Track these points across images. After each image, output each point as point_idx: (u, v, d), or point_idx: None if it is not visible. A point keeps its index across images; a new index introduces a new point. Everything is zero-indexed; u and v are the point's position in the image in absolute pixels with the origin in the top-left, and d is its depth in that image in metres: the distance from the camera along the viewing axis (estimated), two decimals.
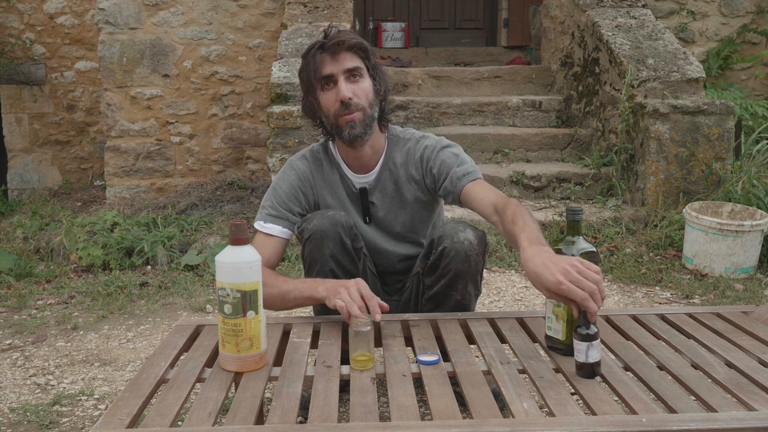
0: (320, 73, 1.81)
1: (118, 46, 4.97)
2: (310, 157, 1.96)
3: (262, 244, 1.83)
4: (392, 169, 1.93)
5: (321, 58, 1.81)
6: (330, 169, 1.95)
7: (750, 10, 5.53)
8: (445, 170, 1.86)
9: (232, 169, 5.21)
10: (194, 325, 1.72)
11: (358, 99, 1.81)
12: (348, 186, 1.94)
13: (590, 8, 4.59)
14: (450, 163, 1.87)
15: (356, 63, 1.82)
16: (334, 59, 1.80)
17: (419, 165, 1.92)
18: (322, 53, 1.81)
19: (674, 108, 3.81)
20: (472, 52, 6.33)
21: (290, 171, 1.94)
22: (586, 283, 1.38)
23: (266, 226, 1.87)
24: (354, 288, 1.62)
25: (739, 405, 1.31)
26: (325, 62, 1.81)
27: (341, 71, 1.80)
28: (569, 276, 1.38)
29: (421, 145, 1.93)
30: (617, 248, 3.57)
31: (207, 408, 1.29)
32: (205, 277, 3.38)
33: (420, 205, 1.95)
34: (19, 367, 2.44)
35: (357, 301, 1.59)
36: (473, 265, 1.80)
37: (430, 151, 1.90)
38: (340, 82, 1.80)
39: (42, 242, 3.91)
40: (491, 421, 1.21)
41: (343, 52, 1.80)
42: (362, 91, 1.82)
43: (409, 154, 1.93)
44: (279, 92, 3.93)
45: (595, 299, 1.39)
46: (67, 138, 6.10)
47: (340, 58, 1.80)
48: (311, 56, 1.83)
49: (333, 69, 1.80)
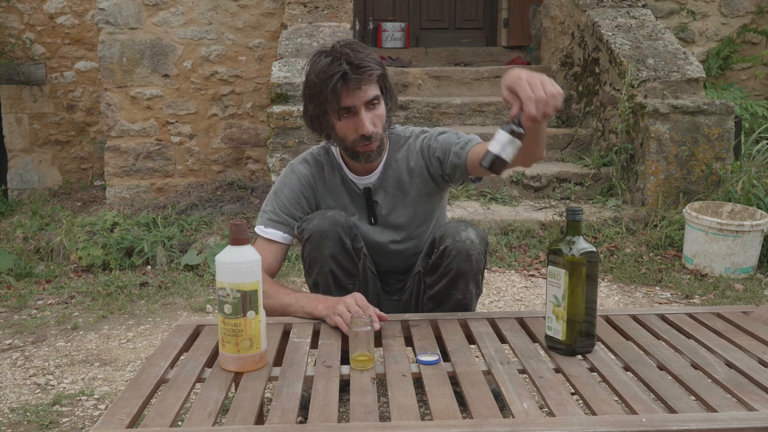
0: (340, 104, 1.73)
1: (118, 46, 4.97)
2: (312, 161, 1.95)
3: (262, 250, 1.82)
4: (394, 166, 1.93)
5: (342, 87, 1.70)
6: (332, 172, 1.94)
7: (750, 10, 5.53)
8: (447, 148, 1.86)
9: (232, 169, 5.21)
10: (194, 325, 1.72)
11: (376, 128, 1.78)
12: (351, 188, 1.93)
13: (590, 8, 4.59)
14: (449, 140, 1.87)
15: (376, 92, 1.77)
16: (356, 90, 1.72)
17: (420, 156, 1.91)
18: (345, 83, 1.70)
19: (674, 108, 3.81)
20: (472, 52, 6.32)
21: (292, 175, 1.93)
22: (539, 90, 1.40)
23: (267, 231, 1.86)
24: (351, 300, 1.67)
25: (739, 405, 1.31)
26: (346, 93, 1.71)
27: (362, 103, 1.75)
28: (531, 78, 1.42)
29: (419, 138, 1.93)
30: (617, 248, 3.57)
31: (207, 408, 1.29)
32: (205, 277, 3.38)
33: (423, 199, 1.94)
34: (19, 367, 2.44)
35: (355, 310, 1.64)
36: (475, 264, 1.80)
37: (429, 139, 1.91)
38: (362, 115, 1.74)
39: (42, 242, 3.91)
40: (491, 421, 1.21)
41: (364, 84, 1.73)
42: (379, 118, 1.80)
43: (410, 149, 1.93)
44: (279, 92, 3.93)
45: (539, 107, 1.41)
46: (67, 138, 6.10)
47: (361, 89, 1.73)
48: (330, 82, 1.70)
49: (355, 102, 1.73)
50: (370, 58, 1.75)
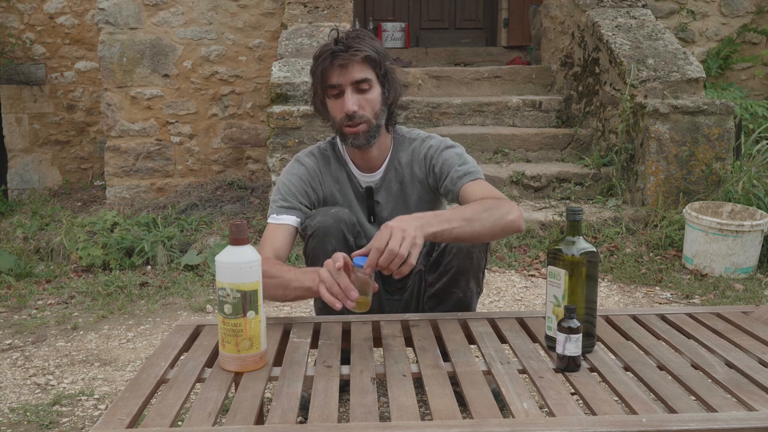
0: (327, 81, 1.78)
1: (118, 46, 4.97)
2: (318, 154, 1.96)
3: (272, 234, 1.81)
4: (397, 168, 1.93)
5: (330, 65, 1.76)
6: (338, 166, 1.94)
7: (750, 10, 5.53)
8: (446, 169, 1.86)
9: (232, 169, 5.21)
10: (194, 325, 1.72)
11: (364, 111, 1.79)
12: (355, 184, 1.94)
13: (590, 8, 4.59)
14: (452, 162, 1.86)
15: (365, 74, 1.78)
16: (343, 69, 1.76)
17: (423, 164, 1.92)
18: (332, 61, 1.76)
19: (674, 108, 3.81)
20: (472, 52, 6.33)
21: (299, 166, 1.93)
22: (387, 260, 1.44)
23: (279, 218, 1.84)
24: (329, 262, 1.54)
25: (739, 405, 1.31)
26: (333, 71, 1.76)
27: (349, 82, 1.77)
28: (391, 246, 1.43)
29: (426, 145, 1.93)
30: (617, 248, 3.57)
31: (207, 408, 1.29)
32: (205, 277, 3.38)
33: (424, 205, 1.94)
34: (19, 367, 2.44)
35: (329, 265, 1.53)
36: (475, 262, 1.80)
37: (434, 151, 1.90)
38: (347, 94, 1.77)
39: (42, 242, 3.91)
40: (491, 421, 1.21)
41: (353, 63, 1.76)
42: (369, 102, 1.80)
43: (414, 153, 1.93)
44: (279, 92, 3.93)
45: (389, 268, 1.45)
46: (67, 138, 6.10)
47: (350, 68, 1.76)
48: (321, 61, 1.78)
49: (340, 80, 1.77)
50: (366, 43, 1.78)
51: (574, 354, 1.42)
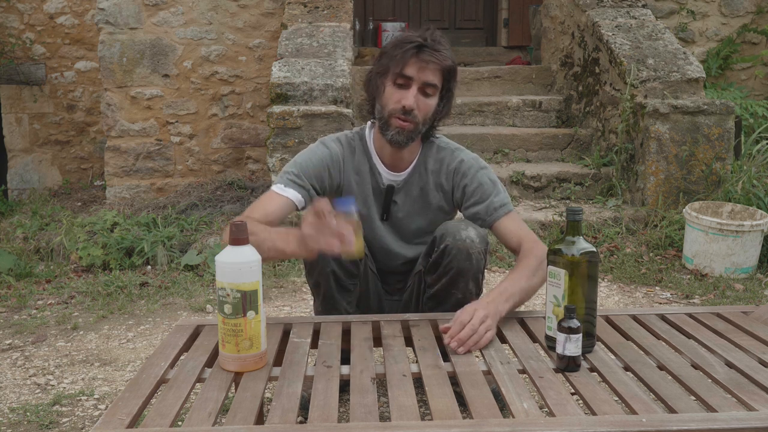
0: (403, 69, 1.77)
1: (118, 46, 4.97)
2: (345, 142, 1.94)
3: (270, 201, 1.80)
4: (422, 173, 1.93)
5: (412, 56, 1.76)
6: (362, 158, 1.93)
7: (750, 10, 5.53)
8: (481, 196, 1.87)
9: (232, 169, 5.21)
10: (194, 325, 1.72)
11: (418, 112, 1.80)
12: (376, 180, 1.93)
13: (590, 8, 4.59)
14: (488, 190, 1.88)
15: (436, 81, 1.80)
16: (423, 66, 1.77)
17: (451, 177, 1.92)
18: (417, 53, 1.76)
19: (674, 108, 3.81)
20: (472, 52, 6.33)
21: (323, 149, 1.91)
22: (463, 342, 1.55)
23: (285, 190, 1.82)
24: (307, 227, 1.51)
25: (739, 405, 1.31)
26: (412, 62, 1.77)
27: (421, 80, 1.78)
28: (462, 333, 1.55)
29: (456, 158, 1.92)
30: (617, 248, 3.57)
31: (207, 408, 1.29)
32: (205, 277, 3.38)
33: (441, 213, 1.96)
34: (19, 367, 2.44)
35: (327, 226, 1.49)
36: (475, 263, 1.80)
37: (467, 168, 1.90)
38: (412, 89, 1.78)
39: (42, 242, 3.91)
40: (491, 421, 1.21)
41: (434, 65, 1.78)
42: (425, 107, 1.81)
43: (443, 163, 1.92)
44: (279, 92, 3.93)
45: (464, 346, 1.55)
46: (67, 138, 6.10)
47: (429, 68, 1.77)
48: (405, 47, 1.77)
49: (414, 74, 1.77)
50: (450, 54, 1.82)
51: (574, 354, 1.43)
